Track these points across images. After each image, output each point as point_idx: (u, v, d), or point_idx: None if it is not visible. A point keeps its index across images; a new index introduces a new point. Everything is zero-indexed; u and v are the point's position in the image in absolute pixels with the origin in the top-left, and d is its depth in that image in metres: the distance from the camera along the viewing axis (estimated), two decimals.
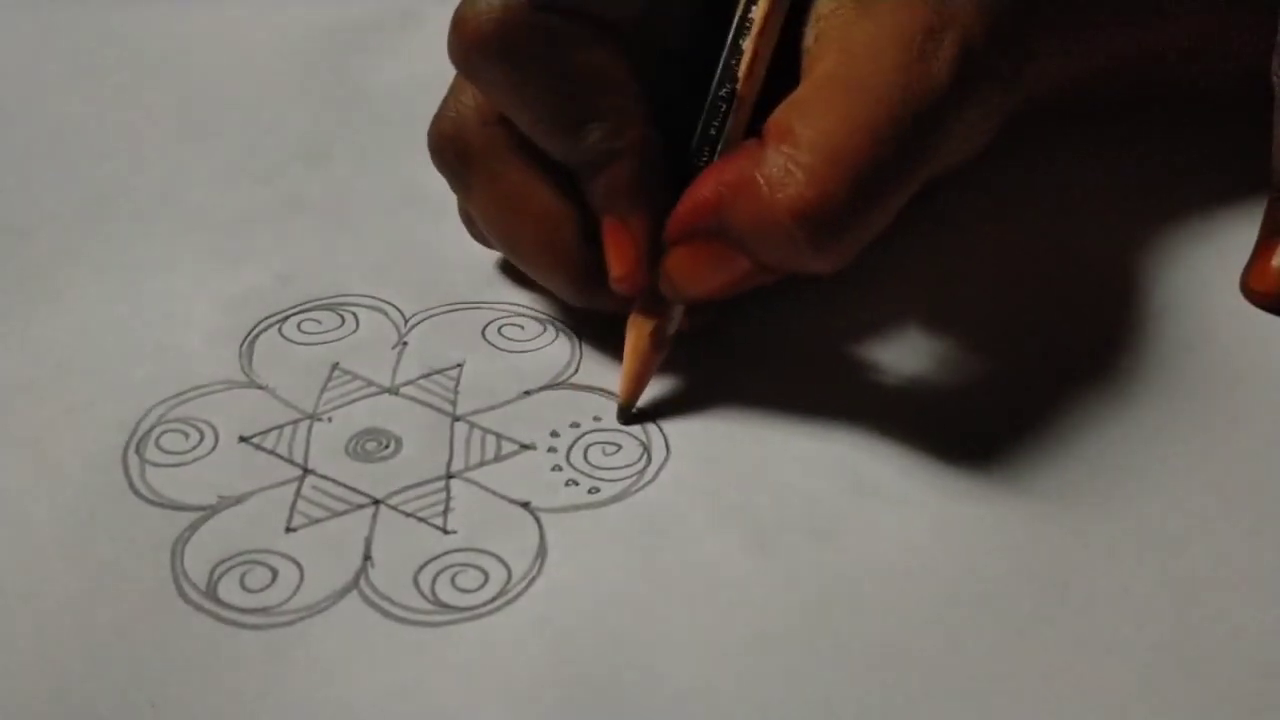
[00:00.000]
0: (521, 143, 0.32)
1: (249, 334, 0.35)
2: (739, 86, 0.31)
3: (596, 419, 0.33)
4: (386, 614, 0.28)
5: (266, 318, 0.36)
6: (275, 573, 0.29)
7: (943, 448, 0.32)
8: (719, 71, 0.31)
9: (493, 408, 0.33)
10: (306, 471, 0.31)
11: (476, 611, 0.28)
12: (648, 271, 0.31)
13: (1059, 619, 0.28)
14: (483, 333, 0.35)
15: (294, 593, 0.28)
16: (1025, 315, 0.36)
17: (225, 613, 0.28)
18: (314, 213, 0.40)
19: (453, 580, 0.29)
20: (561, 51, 0.30)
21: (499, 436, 0.32)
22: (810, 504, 0.31)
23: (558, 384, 0.34)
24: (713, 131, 0.31)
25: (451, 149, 0.33)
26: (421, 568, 0.29)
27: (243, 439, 0.32)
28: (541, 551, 0.29)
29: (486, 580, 0.29)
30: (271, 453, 0.32)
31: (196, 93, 0.46)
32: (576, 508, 0.30)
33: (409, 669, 0.27)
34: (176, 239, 0.39)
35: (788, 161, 0.28)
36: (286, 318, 0.36)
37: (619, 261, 0.31)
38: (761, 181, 0.29)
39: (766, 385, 0.34)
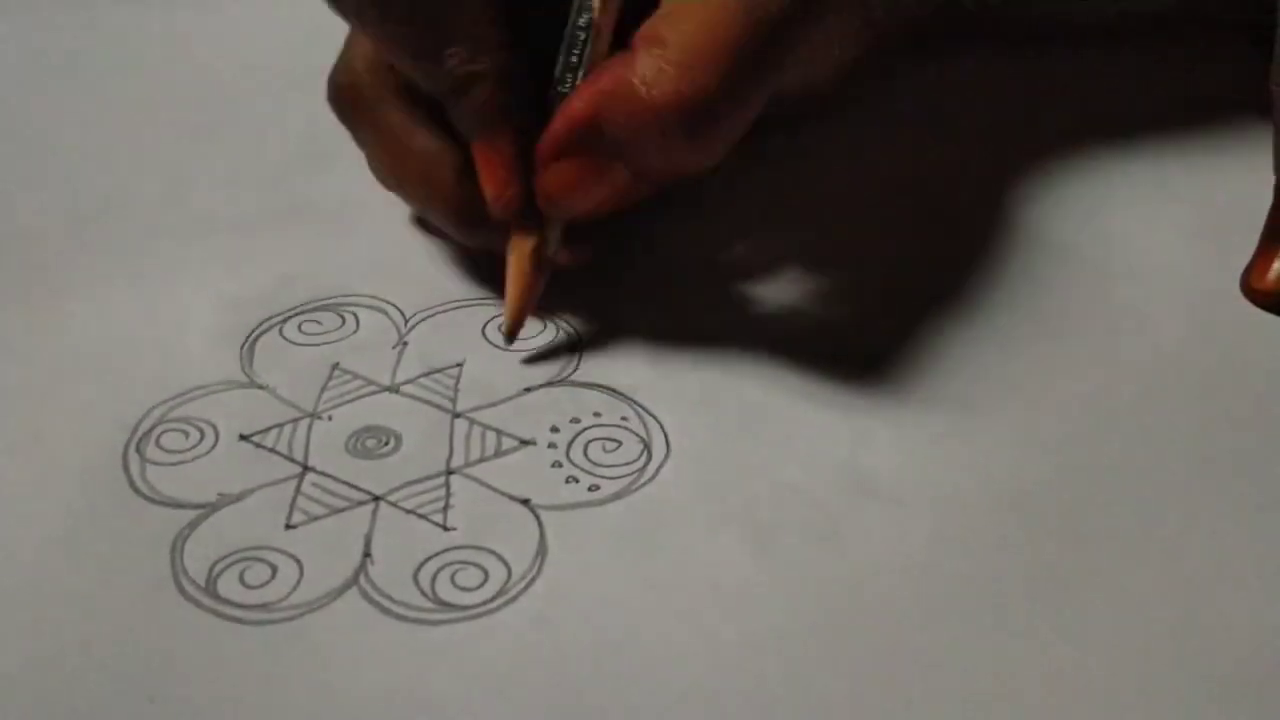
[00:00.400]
0: (404, 87, 0.34)
1: (250, 335, 0.35)
2: (595, 15, 0.32)
3: (597, 414, 0.33)
4: (386, 611, 0.28)
5: (267, 318, 0.36)
6: (275, 569, 0.29)
7: (943, 448, 0.32)
8: (575, 2, 0.33)
9: (493, 404, 0.33)
10: (306, 469, 0.31)
11: (476, 610, 0.28)
12: (520, 191, 0.33)
13: (1058, 619, 0.28)
14: (483, 331, 0.35)
15: (293, 589, 0.28)
16: (1022, 313, 0.36)
17: (225, 609, 0.28)
18: (315, 214, 0.40)
19: (453, 578, 0.29)
20: None
21: (499, 432, 0.32)
22: (810, 503, 0.31)
23: (558, 381, 0.34)
24: (574, 59, 0.33)
25: (343, 96, 0.35)
26: (421, 565, 0.29)
27: (243, 437, 0.32)
28: (541, 550, 0.29)
29: (486, 579, 0.29)
30: (272, 450, 0.32)
31: (198, 95, 0.46)
32: (576, 505, 0.30)
33: (408, 666, 0.27)
34: (178, 241, 0.39)
35: (659, 62, 0.31)
36: (287, 318, 0.36)
37: (490, 182, 0.33)
38: (637, 82, 0.31)
39: (767, 383, 0.34)
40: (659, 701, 0.27)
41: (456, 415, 0.33)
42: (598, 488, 0.31)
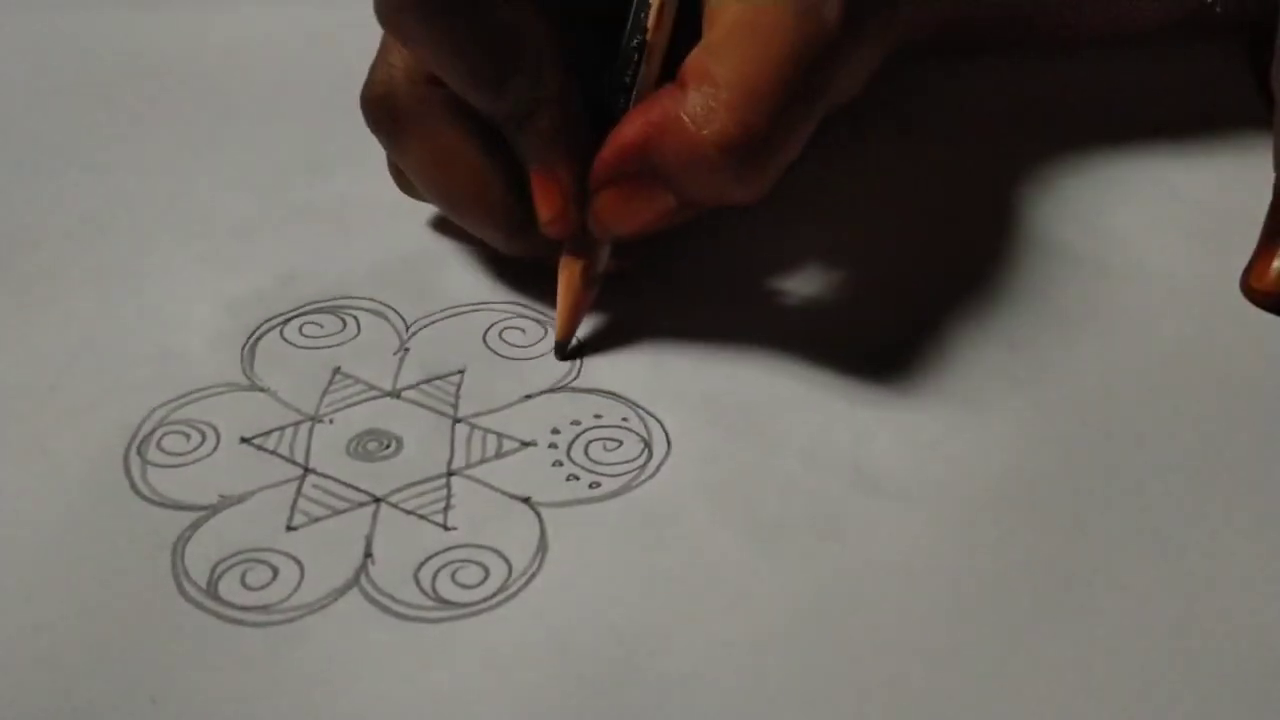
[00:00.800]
0: (449, 101, 0.34)
1: (250, 337, 0.35)
2: (649, 36, 0.32)
3: (597, 415, 0.33)
4: (387, 610, 0.28)
5: (268, 320, 0.36)
6: (276, 571, 0.29)
7: (944, 445, 0.32)
8: (629, 23, 0.33)
9: (494, 410, 0.33)
10: (307, 471, 0.31)
11: (477, 607, 0.28)
12: (576, 217, 0.33)
13: (1060, 616, 0.28)
14: (484, 338, 0.35)
15: (294, 590, 0.28)
16: (1023, 312, 0.36)
17: (226, 610, 0.28)
18: (316, 217, 0.40)
19: (453, 576, 0.29)
20: (481, 8, 0.32)
21: (500, 435, 0.32)
22: (811, 499, 0.31)
23: (559, 387, 0.34)
24: (626, 80, 0.33)
25: (383, 109, 0.35)
26: (422, 564, 0.29)
27: (244, 440, 0.32)
28: (542, 547, 0.29)
29: (487, 576, 0.29)
30: (273, 453, 0.32)
31: (199, 99, 0.46)
32: (577, 503, 0.30)
33: (410, 665, 0.27)
34: (179, 244, 0.39)
35: (709, 100, 0.31)
36: (288, 320, 0.36)
37: (547, 207, 0.33)
38: (687, 119, 0.31)
39: (768, 381, 0.34)
40: (660, 698, 0.27)
41: (458, 420, 0.33)
42: (598, 485, 0.31)
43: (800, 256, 0.38)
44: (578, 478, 0.31)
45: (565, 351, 0.35)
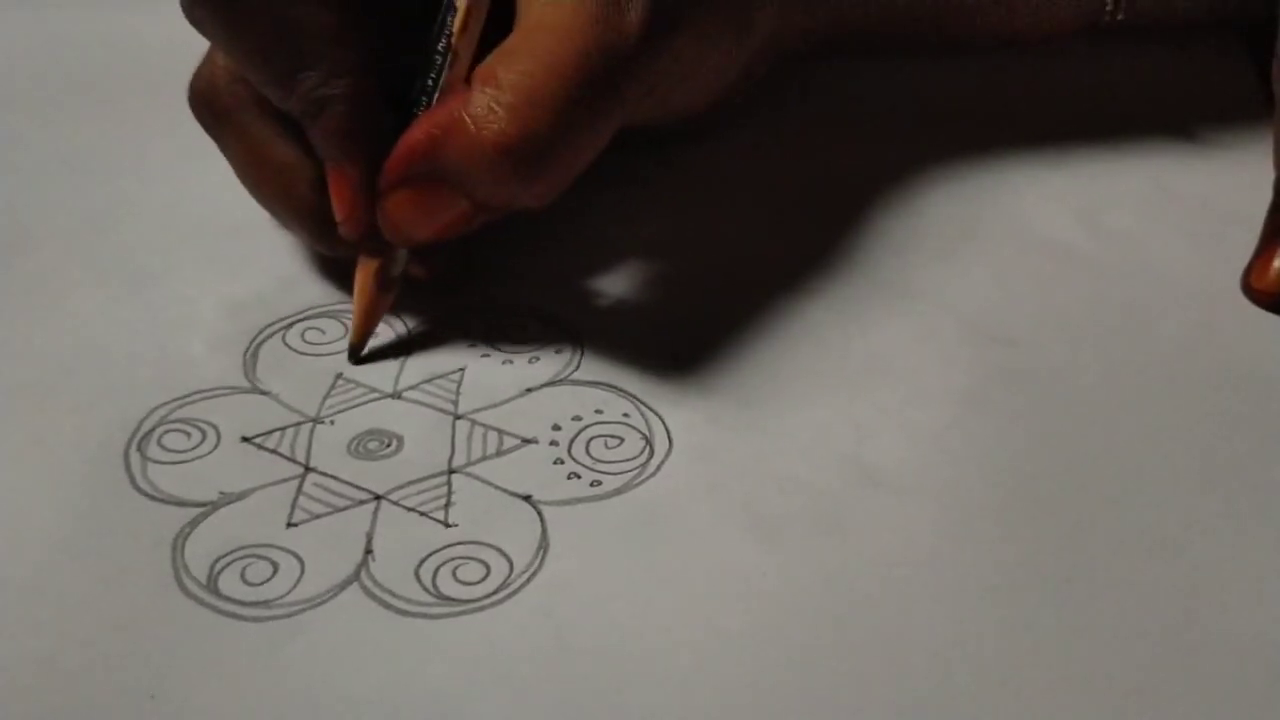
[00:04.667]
0: (262, 98, 0.34)
1: (252, 341, 0.35)
2: (453, 40, 0.32)
3: (598, 411, 0.33)
4: (387, 606, 0.28)
5: (269, 324, 0.36)
6: (276, 566, 0.29)
7: (946, 440, 0.32)
8: (435, 26, 0.32)
9: (494, 406, 0.33)
10: (308, 470, 0.31)
11: (478, 604, 0.28)
12: (366, 216, 0.33)
13: (1061, 613, 0.28)
14: (485, 336, 0.35)
15: (294, 585, 0.28)
16: (1023, 311, 0.36)
17: (226, 606, 0.28)
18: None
19: (454, 573, 0.29)
20: (276, 6, 0.32)
21: (500, 432, 0.32)
22: (813, 496, 0.31)
23: (559, 381, 0.34)
24: (430, 84, 0.32)
25: (203, 105, 0.35)
26: (423, 560, 0.29)
27: (244, 439, 0.32)
28: (543, 544, 0.29)
29: (488, 573, 0.29)
30: (273, 452, 0.32)
31: None
32: (578, 501, 0.30)
33: (410, 661, 0.27)
34: (181, 247, 0.39)
35: (491, 101, 0.31)
36: (290, 325, 0.36)
37: (339, 206, 0.33)
38: (469, 121, 0.31)
39: (769, 378, 0.34)
40: (662, 694, 0.27)
41: (458, 417, 0.33)
42: (600, 483, 0.31)
43: (800, 255, 0.38)
44: (579, 476, 0.31)
45: (358, 355, 0.35)
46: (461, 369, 0.34)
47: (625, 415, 0.33)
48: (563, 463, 0.31)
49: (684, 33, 0.34)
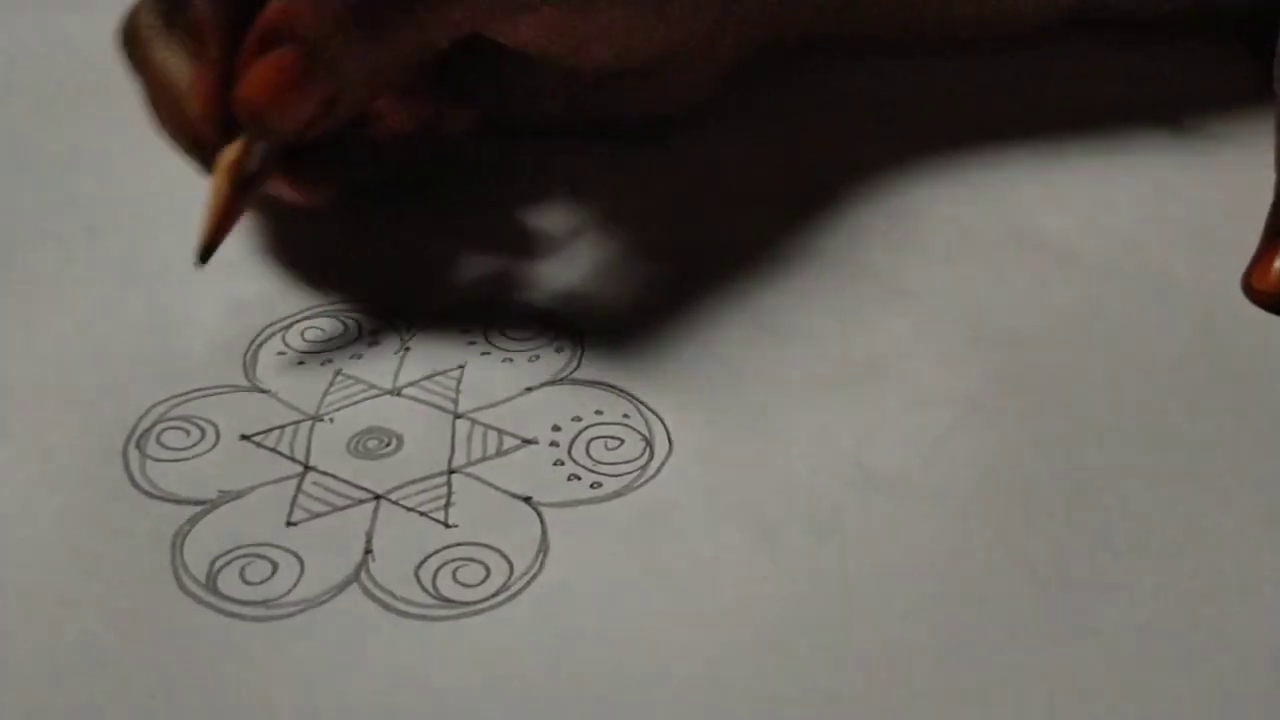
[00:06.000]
0: (172, 29, 0.34)
1: (252, 342, 0.35)
2: None
3: (599, 412, 0.33)
4: (387, 607, 0.28)
5: (269, 325, 0.36)
6: (275, 565, 0.29)
7: (947, 443, 0.32)
8: None
9: (494, 405, 0.33)
10: (307, 468, 0.31)
11: (478, 606, 0.28)
12: (221, 103, 0.32)
13: (1060, 615, 0.28)
14: (485, 334, 0.35)
15: (294, 585, 0.28)
16: (1024, 312, 0.36)
17: (225, 605, 0.28)
18: (317, 218, 0.40)
19: (454, 574, 0.29)
20: None
21: (500, 432, 0.32)
22: (813, 498, 0.31)
23: (559, 380, 0.34)
24: None
25: (124, 39, 0.36)
26: (423, 561, 0.29)
27: (244, 437, 0.32)
28: (543, 546, 0.29)
29: (488, 575, 0.29)
30: (273, 450, 0.32)
31: None
32: (578, 502, 0.30)
33: (409, 662, 0.27)
34: (181, 246, 0.39)
35: None
36: (289, 325, 0.36)
37: (197, 97, 0.33)
38: None
39: (769, 379, 0.34)
40: (662, 697, 0.26)
41: (458, 416, 0.33)
42: (600, 485, 0.31)
43: (800, 256, 0.38)
44: (579, 477, 0.31)
45: (207, 257, 0.33)
46: (461, 366, 0.34)
47: (625, 416, 0.33)
48: (563, 464, 0.31)
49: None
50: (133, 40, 0.35)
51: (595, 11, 0.35)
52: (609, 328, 0.35)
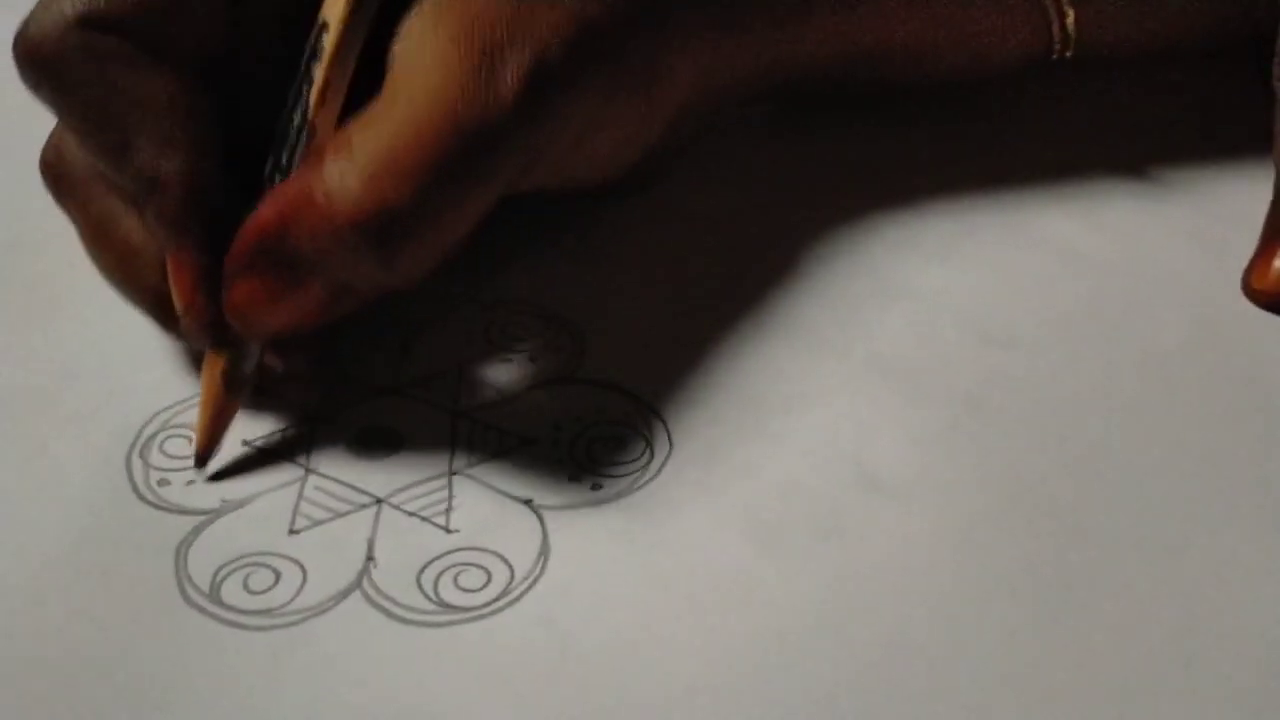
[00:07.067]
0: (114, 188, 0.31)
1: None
2: (311, 115, 0.29)
3: (599, 412, 0.33)
4: (389, 614, 0.28)
5: None
6: (278, 574, 0.29)
7: (946, 444, 0.32)
8: (290, 99, 0.30)
9: (495, 404, 0.33)
10: (309, 472, 0.31)
11: (479, 611, 0.28)
12: (206, 305, 0.30)
13: (1060, 616, 0.28)
14: (486, 332, 0.35)
15: (297, 594, 0.29)
16: (1023, 312, 0.36)
17: (228, 614, 0.28)
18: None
19: (455, 580, 0.29)
20: (107, 73, 0.30)
21: (501, 431, 0.32)
22: (814, 500, 0.31)
23: (561, 379, 0.34)
24: (285, 162, 0.30)
25: (50, 174, 0.33)
26: (424, 568, 0.29)
27: (245, 442, 0.32)
28: (544, 550, 0.29)
29: (489, 580, 0.29)
30: (275, 454, 0.32)
31: None
32: (579, 505, 0.31)
33: (412, 668, 0.27)
34: None
35: (345, 172, 0.28)
36: None
37: (179, 294, 0.30)
38: (320, 194, 0.28)
39: (770, 380, 0.34)
40: (664, 700, 0.27)
41: (458, 415, 0.33)
42: (600, 486, 0.31)
43: (800, 255, 0.38)
44: (579, 479, 0.31)
45: (205, 461, 0.31)
46: (461, 365, 0.34)
47: (626, 416, 0.33)
48: (563, 465, 0.31)
49: (573, 98, 0.31)
50: (61, 176, 0.32)
51: (576, 127, 0.32)
52: (610, 328, 0.35)
